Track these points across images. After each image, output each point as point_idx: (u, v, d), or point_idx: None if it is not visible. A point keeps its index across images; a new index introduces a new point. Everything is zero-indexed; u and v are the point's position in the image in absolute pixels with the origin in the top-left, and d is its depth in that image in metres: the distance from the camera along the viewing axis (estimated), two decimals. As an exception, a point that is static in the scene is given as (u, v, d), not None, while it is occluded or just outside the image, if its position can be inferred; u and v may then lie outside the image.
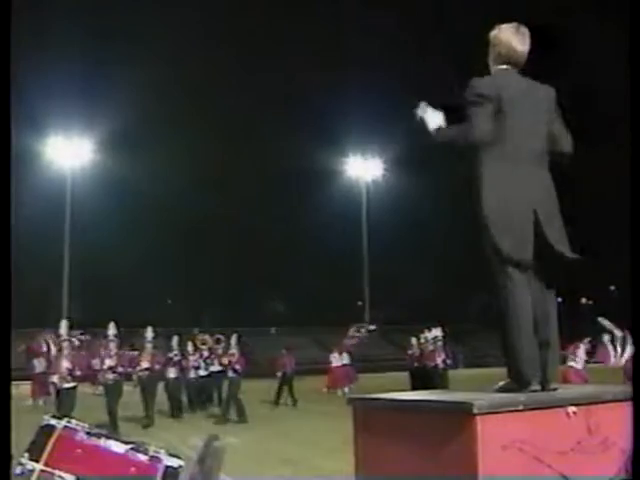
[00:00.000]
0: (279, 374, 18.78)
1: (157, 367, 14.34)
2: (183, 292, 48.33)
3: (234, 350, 15.12)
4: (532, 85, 3.41)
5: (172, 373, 15.37)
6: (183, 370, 16.05)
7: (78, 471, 2.90)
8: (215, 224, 46.72)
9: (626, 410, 2.88)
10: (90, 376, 13.94)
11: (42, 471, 2.87)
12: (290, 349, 19.92)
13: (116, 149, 43.33)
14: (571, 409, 2.90)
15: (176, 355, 15.80)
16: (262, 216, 48.37)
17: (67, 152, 42.76)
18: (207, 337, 17.72)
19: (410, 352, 20.81)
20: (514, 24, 3.44)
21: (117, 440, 3.10)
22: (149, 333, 14.87)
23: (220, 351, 18.21)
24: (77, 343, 12.84)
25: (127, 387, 14.09)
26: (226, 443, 3.54)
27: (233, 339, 15.51)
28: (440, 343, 19.85)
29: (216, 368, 17.35)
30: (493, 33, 3.47)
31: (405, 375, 20.71)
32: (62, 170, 43.38)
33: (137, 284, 44.97)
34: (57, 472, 2.89)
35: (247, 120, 48.15)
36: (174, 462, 3.05)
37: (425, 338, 20.18)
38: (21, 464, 2.86)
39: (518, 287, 3.15)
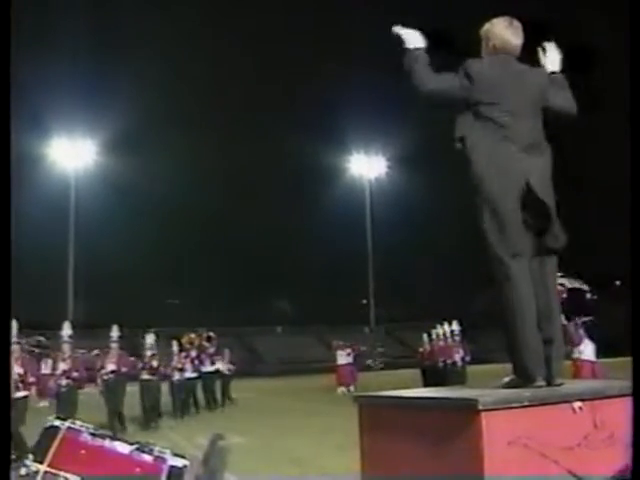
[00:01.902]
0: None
1: (124, 369, 12.92)
2: (188, 292, 48.42)
3: (154, 351, 14.02)
4: (523, 68, 3.41)
5: (145, 375, 13.87)
6: (161, 372, 14.37)
7: (83, 472, 2.91)
8: (219, 224, 46.79)
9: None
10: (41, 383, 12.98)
11: (46, 472, 2.88)
12: (231, 349, 19.22)
13: (119, 150, 43.47)
14: (577, 404, 2.88)
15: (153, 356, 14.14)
16: (266, 215, 48.39)
17: (71, 153, 42.87)
18: (194, 336, 16.56)
19: (421, 350, 20.25)
20: (507, 18, 3.45)
21: (122, 441, 3.11)
22: (114, 332, 13.17)
23: (212, 350, 17.33)
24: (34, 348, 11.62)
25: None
26: (231, 443, 3.53)
27: (150, 338, 14.26)
28: (458, 338, 19.02)
29: (207, 369, 16.67)
30: (486, 27, 3.47)
31: (411, 372, 20.57)
32: (66, 171, 43.51)
33: (142, 284, 45.08)
34: (62, 473, 2.89)
35: (250, 119, 48.22)
36: (179, 462, 3.06)
37: (437, 334, 19.57)
38: (25, 466, 2.87)
39: (520, 281, 3.13)
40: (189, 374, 15.74)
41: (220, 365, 17.30)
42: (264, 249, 48.65)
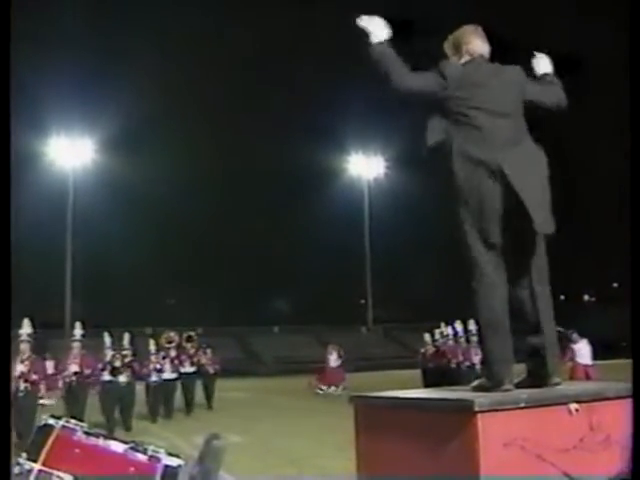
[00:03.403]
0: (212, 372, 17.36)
1: (87, 371, 12.07)
2: (186, 292, 48.38)
3: (128, 351, 13.21)
4: (498, 68, 3.40)
5: (106, 376, 12.78)
6: (135, 373, 13.45)
7: (76, 471, 2.89)
8: (217, 223, 46.76)
9: (629, 407, 2.85)
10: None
11: (40, 471, 2.86)
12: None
13: (118, 149, 43.43)
14: (573, 406, 2.87)
15: (121, 356, 13.09)
16: (264, 215, 48.39)
17: (69, 152, 42.85)
18: (173, 334, 15.75)
19: (422, 350, 19.49)
20: (471, 25, 3.49)
21: (116, 440, 3.09)
22: (77, 330, 12.25)
23: (192, 351, 16.50)
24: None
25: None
26: (227, 442, 3.51)
27: (126, 338, 13.47)
28: (475, 338, 17.05)
29: (187, 370, 15.75)
30: (454, 35, 3.51)
31: (409, 373, 20.33)
32: (64, 170, 43.48)
33: (139, 284, 45.04)
34: (55, 472, 2.87)
35: (249, 120, 48.17)
36: (173, 461, 3.05)
37: (441, 334, 18.63)
38: (19, 464, 2.85)
39: (490, 286, 3.12)
40: (167, 375, 14.85)
41: (205, 364, 16.59)
42: (262, 249, 48.64)
